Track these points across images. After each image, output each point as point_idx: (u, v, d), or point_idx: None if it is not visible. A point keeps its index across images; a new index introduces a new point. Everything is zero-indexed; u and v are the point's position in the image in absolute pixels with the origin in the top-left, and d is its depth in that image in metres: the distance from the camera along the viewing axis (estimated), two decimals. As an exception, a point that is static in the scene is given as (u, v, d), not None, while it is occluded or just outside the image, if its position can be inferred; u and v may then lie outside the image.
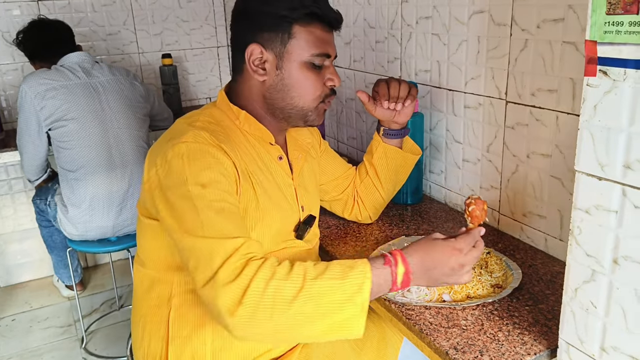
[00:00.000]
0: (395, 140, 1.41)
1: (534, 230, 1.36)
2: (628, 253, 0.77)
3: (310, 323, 0.89)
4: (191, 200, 0.98)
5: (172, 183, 1.01)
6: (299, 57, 1.11)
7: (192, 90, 3.32)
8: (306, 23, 1.10)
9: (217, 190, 1.00)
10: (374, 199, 1.46)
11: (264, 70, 1.13)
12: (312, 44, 1.11)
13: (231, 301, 0.87)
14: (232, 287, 0.88)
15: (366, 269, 0.92)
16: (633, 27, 0.69)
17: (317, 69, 1.14)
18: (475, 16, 1.41)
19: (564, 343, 0.91)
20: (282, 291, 0.88)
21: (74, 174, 2.16)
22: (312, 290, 0.88)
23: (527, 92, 1.29)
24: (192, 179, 0.99)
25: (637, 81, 0.71)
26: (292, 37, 1.10)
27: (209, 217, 0.96)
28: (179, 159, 1.01)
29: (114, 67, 2.31)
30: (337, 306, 0.89)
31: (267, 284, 0.88)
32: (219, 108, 1.18)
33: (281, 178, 1.20)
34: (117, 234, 2.27)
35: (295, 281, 0.89)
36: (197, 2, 3.20)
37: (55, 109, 2.09)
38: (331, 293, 0.89)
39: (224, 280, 0.88)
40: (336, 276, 0.90)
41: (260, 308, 0.87)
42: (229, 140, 1.11)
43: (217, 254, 0.92)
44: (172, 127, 1.14)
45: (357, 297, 0.89)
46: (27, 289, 2.99)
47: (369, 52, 1.95)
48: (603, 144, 0.77)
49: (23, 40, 2.33)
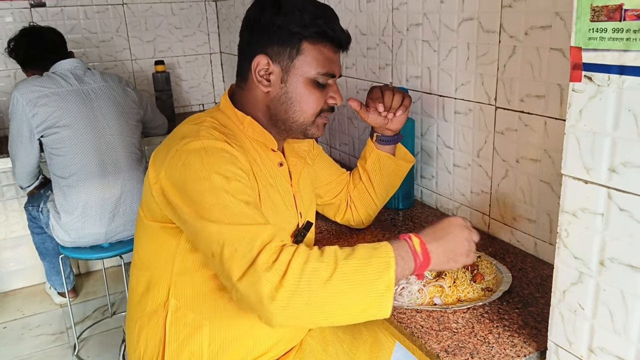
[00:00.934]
0: (389, 147, 1.42)
1: (523, 234, 1.37)
2: (614, 255, 0.78)
3: (345, 302, 0.90)
4: (217, 193, 0.96)
5: (191, 179, 0.99)
6: (304, 74, 1.12)
7: (185, 96, 3.33)
8: (316, 41, 1.12)
9: (240, 184, 1.00)
10: (367, 204, 1.47)
11: (269, 82, 1.14)
12: (319, 62, 1.13)
13: (272, 285, 0.87)
14: (272, 272, 0.87)
15: (389, 248, 0.94)
16: (616, 34, 0.71)
17: (320, 87, 1.15)
18: (464, 23, 1.43)
19: (553, 345, 0.92)
20: (318, 272, 0.89)
21: (67, 180, 2.16)
22: (345, 269, 0.90)
23: (516, 97, 1.31)
24: (215, 171, 0.98)
25: (621, 86, 0.72)
26: (300, 53, 1.11)
27: (237, 207, 0.96)
28: (196, 155, 1.00)
29: (106, 74, 2.32)
30: (369, 284, 0.90)
31: (304, 266, 0.89)
32: (223, 112, 1.18)
33: (281, 184, 1.21)
34: (109, 241, 2.27)
35: (329, 262, 0.90)
36: (190, 10, 3.21)
37: (47, 116, 2.09)
38: (363, 272, 0.90)
39: (263, 265, 0.88)
40: (364, 256, 0.92)
41: (298, 290, 0.87)
42: (237, 141, 1.12)
43: (258, 237, 0.91)
44: (179, 129, 1.13)
45: (386, 274, 0.91)
46: (19, 296, 2.98)
47: (361, 59, 1.97)
48: (588, 148, 0.78)
49: (15, 47, 2.33)
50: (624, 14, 0.70)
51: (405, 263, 0.95)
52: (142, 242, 1.18)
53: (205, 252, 0.97)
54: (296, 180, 1.27)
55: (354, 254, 0.92)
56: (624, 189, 0.75)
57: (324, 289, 0.88)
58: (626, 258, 0.77)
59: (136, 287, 1.20)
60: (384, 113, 1.33)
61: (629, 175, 0.74)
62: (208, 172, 0.99)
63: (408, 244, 0.97)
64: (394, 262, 0.92)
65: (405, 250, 0.96)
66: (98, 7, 2.97)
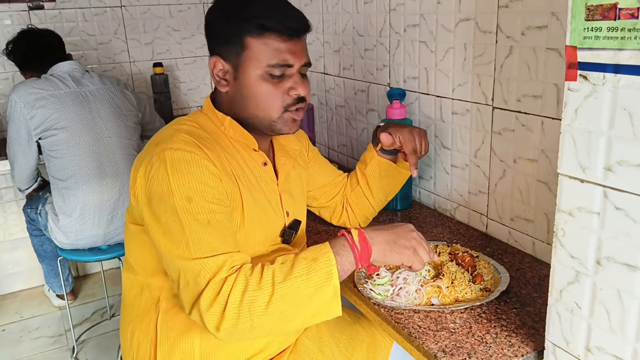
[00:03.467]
0: (391, 156, 1.42)
1: (521, 234, 1.37)
2: (610, 254, 0.78)
3: (289, 319, 0.96)
4: (177, 215, 0.99)
5: (158, 195, 1.02)
6: (254, 69, 1.10)
7: (184, 98, 3.33)
8: (259, 35, 1.09)
9: (202, 202, 1.01)
10: (364, 207, 1.47)
11: (226, 82, 1.14)
12: (267, 55, 1.09)
13: (215, 319, 0.93)
14: (214, 307, 0.93)
15: (329, 257, 0.97)
16: (611, 33, 0.71)
17: (276, 79, 1.11)
18: (461, 24, 1.43)
19: (550, 344, 0.92)
20: (256, 300, 0.93)
21: (65, 182, 2.16)
22: (283, 293, 0.94)
23: (513, 98, 1.31)
24: (178, 192, 1.00)
25: (616, 85, 0.72)
26: (245, 48, 1.09)
27: (194, 232, 0.98)
28: (164, 170, 1.02)
29: (104, 76, 2.32)
30: (307, 299, 0.95)
31: (242, 297, 0.93)
32: (205, 114, 1.19)
33: (266, 184, 1.20)
34: (108, 242, 2.27)
35: (266, 289, 0.94)
36: (188, 12, 3.21)
37: (45, 118, 2.09)
38: (300, 290, 0.95)
39: (206, 302, 0.94)
40: (302, 272, 0.96)
41: (240, 319, 0.93)
42: (216, 144, 1.12)
43: (202, 276, 0.95)
44: (159, 132, 1.15)
45: (328, 284, 0.96)
46: (17, 298, 2.97)
47: (358, 60, 1.97)
48: (584, 147, 0.78)
49: (12, 50, 2.33)
50: (619, 13, 0.70)
51: (344, 258, 0.99)
52: (131, 245, 1.19)
53: (167, 272, 1.04)
54: (283, 179, 1.26)
55: (292, 272, 0.95)
56: (619, 188, 0.75)
57: (265, 314, 0.93)
58: (622, 257, 0.77)
59: (128, 289, 1.20)
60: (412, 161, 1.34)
61: (624, 174, 0.74)
62: (173, 190, 1.00)
63: (346, 238, 1.02)
64: (335, 269, 0.96)
65: (342, 245, 1.01)
66: (96, 9, 2.97)
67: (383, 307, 1.14)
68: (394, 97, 1.62)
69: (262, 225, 1.17)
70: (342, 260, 0.99)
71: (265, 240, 1.18)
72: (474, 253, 1.29)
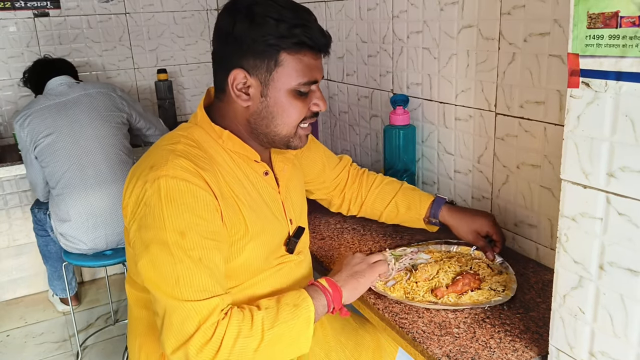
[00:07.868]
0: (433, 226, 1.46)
1: (525, 239, 1.38)
2: (613, 259, 0.79)
3: (273, 358, 1.02)
4: (168, 249, 0.96)
5: (150, 225, 0.99)
6: (285, 85, 1.07)
7: (188, 104, 3.35)
8: (295, 51, 1.05)
9: (196, 237, 0.98)
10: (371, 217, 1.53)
11: (248, 96, 1.09)
12: (299, 72, 1.07)
13: None
14: (205, 352, 0.94)
15: (308, 303, 1.04)
16: (613, 41, 0.72)
17: (303, 96, 1.10)
18: (464, 31, 1.44)
19: (554, 349, 0.92)
20: (248, 346, 0.97)
21: (55, 190, 2.25)
22: (270, 339, 0.98)
23: (516, 104, 1.32)
24: (171, 224, 0.97)
25: (618, 92, 0.73)
26: (279, 65, 1.05)
27: (185, 269, 0.96)
28: (157, 199, 0.98)
29: (94, 83, 2.43)
30: (289, 343, 1.02)
31: (234, 342, 0.96)
32: (200, 127, 1.13)
33: (268, 194, 1.17)
34: (110, 247, 2.29)
35: (256, 335, 0.98)
36: (192, 18, 3.23)
37: (33, 131, 2.24)
38: (284, 336, 1.00)
39: (195, 346, 0.93)
40: (287, 318, 1.01)
41: None
42: (212, 163, 1.08)
43: (191, 319, 0.94)
44: (152, 150, 1.10)
45: (306, 330, 1.03)
46: (22, 304, 2.98)
47: (362, 66, 1.98)
48: (587, 153, 0.79)
49: (28, 78, 2.52)
50: (620, 21, 0.71)
51: (319, 302, 1.07)
52: (131, 261, 1.14)
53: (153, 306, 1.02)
54: (284, 186, 1.23)
55: (278, 319, 1.00)
56: (622, 194, 0.76)
57: (253, 357, 0.97)
58: (625, 262, 0.77)
59: (133, 302, 1.19)
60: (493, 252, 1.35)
61: (627, 180, 0.75)
62: (165, 221, 0.97)
63: (317, 286, 1.10)
64: (313, 314, 1.03)
65: (316, 291, 1.08)
66: (101, 16, 2.99)
67: (387, 311, 1.14)
68: (398, 103, 1.63)
69: (267, 240, 1.14)
70: (317, 304, 1.06)
71: (270, 254, 1.16)
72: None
